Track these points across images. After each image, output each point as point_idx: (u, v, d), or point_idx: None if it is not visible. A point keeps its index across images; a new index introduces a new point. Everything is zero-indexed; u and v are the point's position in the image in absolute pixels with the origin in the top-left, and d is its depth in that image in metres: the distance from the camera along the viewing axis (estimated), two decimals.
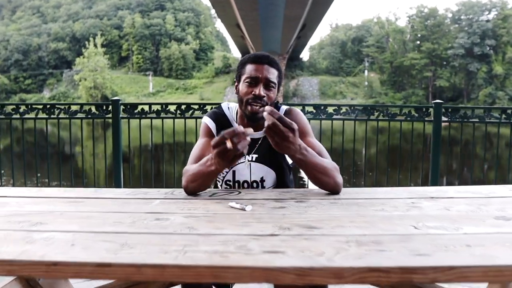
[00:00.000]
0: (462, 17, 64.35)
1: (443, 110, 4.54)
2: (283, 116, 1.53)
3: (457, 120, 4.56)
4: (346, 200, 1.64)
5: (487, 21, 61.64)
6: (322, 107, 4.59)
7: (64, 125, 4.85)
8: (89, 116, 4.65)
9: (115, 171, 4.66)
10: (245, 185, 2.02)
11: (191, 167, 1.78)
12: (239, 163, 2.02)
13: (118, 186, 4.65)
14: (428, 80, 62.32)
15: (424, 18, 65.61)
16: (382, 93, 62.10)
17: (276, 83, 1.95)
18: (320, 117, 4.57)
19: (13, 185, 4.83)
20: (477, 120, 4.57)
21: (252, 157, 2.02)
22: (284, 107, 2.09)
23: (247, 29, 39.34)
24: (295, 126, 1.55)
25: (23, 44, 77.49)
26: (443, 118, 4.54)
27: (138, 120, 4.64)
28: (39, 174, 4.80)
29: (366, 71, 69.06)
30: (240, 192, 1.79)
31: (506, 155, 4.62)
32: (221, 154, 1.52)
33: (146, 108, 4.64)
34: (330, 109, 4.63)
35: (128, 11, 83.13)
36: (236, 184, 2.03)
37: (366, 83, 66.09)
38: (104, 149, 4.76)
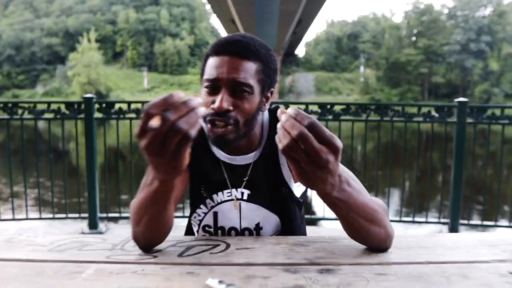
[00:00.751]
0: (458, 13, 63.86)
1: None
2: (317, 122, 0.85)
3: (484, 121, 3.95)
4: (399, 266, 1.00)
5: (483, 17, 61.21)
6: (329, 106, 3.97)
7: (57, 124, 4.16)
8: (58, 116, 4.01)
9: (89, 184, 4.03)
10: (232, 233, 1.38)
11: (134, 200, 1.13)
12: (222, 202, 1.37)
13: (92, 201, 4.03)
14: (424, 76, 61.81)
15: (420, 14, 65.10)
16: (378, 89, 61.63)
17: (255, 83, 1.23)
18: (326, 117, 3.95)
19: None
20: (507, 121, 3.96)
21: (242, 194, 1.37)
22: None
23: (242, 25, 38.64)
24: (339, 142, 0.85)
25: (16, 39, 76.38)
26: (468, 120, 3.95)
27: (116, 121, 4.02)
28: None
29: (362, 67, 68.54)
30: (227, 246, 1.14)
31: None
32: (153, 147, 0.83)
33: (125, 106, 4.01)
34: (337, 108, 4.01)
35: (122, 6, 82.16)
36: (219, 231, 1.38)
37: (362, 79, 65.59)
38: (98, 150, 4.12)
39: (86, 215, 4.24)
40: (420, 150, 4.24)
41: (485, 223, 4.19)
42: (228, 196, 1.37)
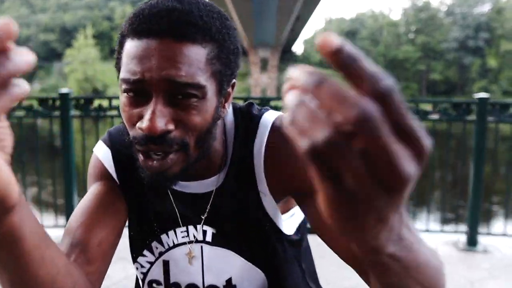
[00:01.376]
0: (456, 10, 63.85)
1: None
2: (393, 90, 0.32)
3: (508, 119, 3.55)
4: None
5: (481, 14, 61.19)
6: None
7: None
8: (30, 114, 3.59)
9: (66, 188, 3.62)
10: None
11: None
12: (175, 246, 0.93)
13: (69, 208, 3.62)
14: (422, 73, 61.75)
15: (418, 11, 65.13)
16: None
17: (208, 80, 0.72)
18: None
19: None
20: None
21: (204, 233, 0.91)
22: (269, 116, 0.87)
23: (240, 21, 38.43)
24: (428, 139, 0.33)
25: None
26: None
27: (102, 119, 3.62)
28: None
29: None
30: None
31: None
32: None
33: (106, 103, 3.58)
34: None
35: (119, 2, 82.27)
36: None
37: None
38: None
39: (64, 223, 3.86)
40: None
41: (509, 232, 3.79)
42: (183, 237, 0.93)
